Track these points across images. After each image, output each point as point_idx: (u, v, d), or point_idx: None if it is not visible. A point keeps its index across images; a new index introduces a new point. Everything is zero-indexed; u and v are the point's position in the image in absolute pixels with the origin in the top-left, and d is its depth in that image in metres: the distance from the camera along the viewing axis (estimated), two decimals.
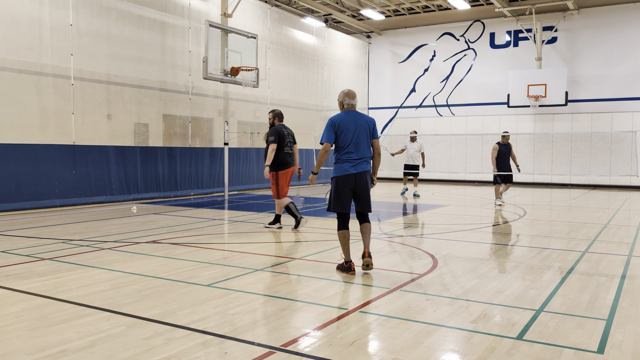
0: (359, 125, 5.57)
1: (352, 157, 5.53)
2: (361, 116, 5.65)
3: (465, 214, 11.32)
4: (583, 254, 6.79)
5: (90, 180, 11.74)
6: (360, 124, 5.58)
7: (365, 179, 5.59)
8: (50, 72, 11.04)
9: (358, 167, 5.54)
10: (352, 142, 5.53)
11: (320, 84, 20.11)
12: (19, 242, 7.35)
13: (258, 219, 10.04)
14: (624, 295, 4.83)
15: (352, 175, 5.52)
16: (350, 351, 3.42)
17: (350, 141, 5.52)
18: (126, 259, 6.26)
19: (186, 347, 3.45)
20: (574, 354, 3.41)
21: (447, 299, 4.66)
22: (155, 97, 13.43)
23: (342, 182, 5.54)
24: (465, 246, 7.40)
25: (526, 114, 20.18)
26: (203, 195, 14.68)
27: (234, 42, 13.98)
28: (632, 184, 18.62)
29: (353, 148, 5.53)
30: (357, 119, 5.59)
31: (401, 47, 22.94)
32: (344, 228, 5.64)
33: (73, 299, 4.55)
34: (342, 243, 5.64)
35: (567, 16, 19.50)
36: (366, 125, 5.63)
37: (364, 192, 5.62)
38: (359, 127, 5.57)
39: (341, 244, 5.65)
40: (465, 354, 3.42)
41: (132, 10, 12.72)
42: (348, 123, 5.54)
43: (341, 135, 5.53)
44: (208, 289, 4.91)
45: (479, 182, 21.04)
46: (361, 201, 5.66)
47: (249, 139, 16.74)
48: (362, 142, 5.56)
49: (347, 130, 5.52)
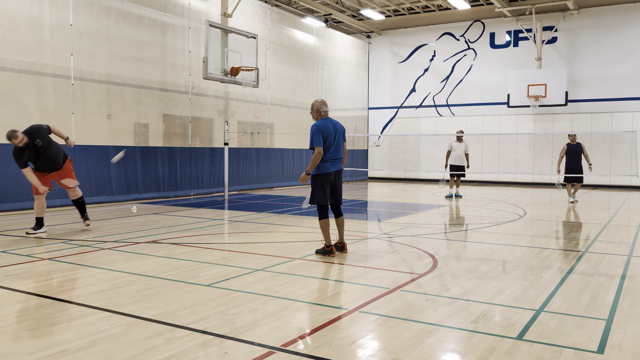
0: (337, 130, 6.52)
1: (332, 157, 6.45)
2: (336, 122, 6.58)
3: (465, 214, 11.33)
4: (583, 254, 6.79)
5: (90, 180, 11.74)
6: (337, 129, 6.52)
7: (341, 175, 6.64)
8: (50, 72, 11.04)
9: (337, 165, 6.52)
10: (334, 144, 6.44)
11: (320, 84, 20.11)
12: (19, 242, 7.36)
13: (258, 219, 10.04)
14: (624, 295, 4.83)
15: (333, 173, 6.48)
16: (350, 351, 3.42)
17: (332, 144, 6.42)
18: (126, 259, 6.26)
19: (186, 347, 3.45)
20: (574, 354, 3.41)
21: (447, 299, 4.66)
22: (155, 97, 13.43)
23: (325, 179, 6.43)
24: (465, 246, 7.40)
25: (526, 114, 20.19)
26: (203, 195, 14.68)
27: (234, 42, 13.98)
28: (632, 184, 18.62)
29: (334, 150, 6.45)
30: (334, 125, 6.51)
31: (401, 47, 22.94)
32: (326, 217, 6.55)
33: (73, 299, 4.55)
34: (324, 230, 6.51)
35: (567, 16, 19.50)
36: (341, 130, 6.60)
37: (340, 187, 6.64)
38: (337, 132, 6.50)
39: (323, 231, 6.52)
40: (465, 354, 3.42)
41: (132, 10, 12.72)
42: (329, 129, 6.42)
43: (327, 139, 6.38)
44: (208, 289, 4.91)
45: (479, 182, 21.04)
46: (336, 195, 6.61)
47: (249, 139, 16.74)
48: (339, 145, 6.55)
49: (330, 134, 6.40)
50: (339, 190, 6.61)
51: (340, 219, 6.69)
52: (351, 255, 6.62)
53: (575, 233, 8.54)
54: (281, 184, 18.04)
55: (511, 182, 20.55)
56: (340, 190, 6.61)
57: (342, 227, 6.68)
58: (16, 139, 7.55)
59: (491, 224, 9.64)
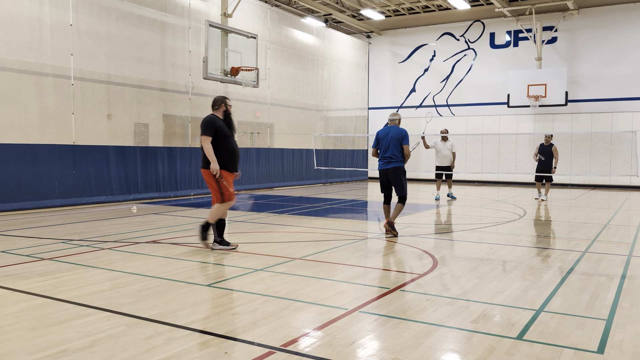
0: (388, 135, 8.18)
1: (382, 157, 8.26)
2: (392, 129, 8.17)
3: (465, 214, 11.32)
4: (583, 254, 6.79)
5: (90, 180, 11.74)
6: (389, 135, 8.16)
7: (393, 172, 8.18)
8: (50, 72, 11.04)
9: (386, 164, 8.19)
10: (383, 147, 8.25)
11: (320, 84, 20.11)
12: (19, 242, 7.35)
13: (258, 219, 10.04)
14: (624, 295, 4.83)
15: (383, 170, 8.24)
16: (350, 351, 3.42)
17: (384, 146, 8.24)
18: (126, 259, 6.26)
19: (186, 347, 3.45)
20: (574, 354, 3.41)
21: (447, 299, 4.66)
22: (155, 97, 13.43)
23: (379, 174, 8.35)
24: (465, 246, 7.40)
25: (526, 114, 20.18)
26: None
27: (234, 42, 13.98)
28: (632, 184, 18.62)
29: (382, 151, 8.25)
30: (389, 132, 8.18)
31: (401, 47, 22.94)
32: (384, 203, 8.47)
33: (73, 299, 4.55)
34: (385, 212, 8.43)
35: (567, 16, 19.49)
36: (394, 135, 8.12)
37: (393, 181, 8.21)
38: (387, 137, 8.18)
39: (384, 213, 8.43)
40: (465, 354, 3.42)
41: (132, 10, 12.72)
42: (382, 134, 8.28)
43: (379, 142, 8.30)
44: (208, 289, 4.91)
45: (479, 182, 21.04)
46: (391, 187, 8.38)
47: (249, 139, 16.74)
48: (389, 148, 8.15)
49: (382, 139, 8.24)
50: (394, 184, 8.16)
51: (398, 205, 8.12)
52: (351, 255, 6.62)
53: (575, 233, 8.54)
54: (281, 184, 18.04)
55: (511, 182, 20.55)
56: (394, 183, 8.15)
57: (394, 211, 8.14)
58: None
59: (491, 224, 9.64)
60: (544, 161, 13.97)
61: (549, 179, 14.15)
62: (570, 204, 13.50)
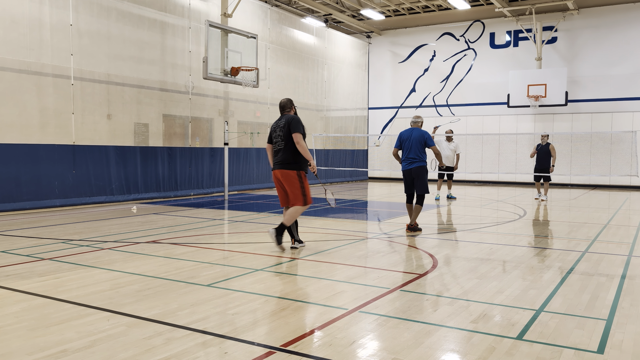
0: (410, 137, 8.45)
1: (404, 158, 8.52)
2: (414, 131, 8.49)
3: (465, 214, 11.32)
4: (583, 254, 6.79)
5: (90, 180, 11.74)
6: (411, 137, 8.45)
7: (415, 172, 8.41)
8: (50, 72, 11.04)
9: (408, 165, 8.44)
10: (404, 148, 8.50)
11: (320, 84, 20.11)
12: (19, 242, 7.35)
13: (258, 219, 10.04)
14: (624, 295, 4.83)
15: (406, 171, 8.49)
16: (350, 351, 3.42)
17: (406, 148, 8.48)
18: (126, 259, 6.26)
19: (186, 347, 3.45)
20: (574, 354, 3.41)
21: (447, 299, 4.66)
22: (155, 97, 13.43)
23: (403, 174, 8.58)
24: (465, 246, 7.40)
25: (526, 114, 20.18)
26: (203, 195, 14.68)
27: (234, 42, 13.98)
28: (632, 184, 18.61)
29: (405, 152, 8.50)
30: (411, 133, 8.47)
31: (401, 47, 22.93)
32: (407, 202, 8.67)
33: (73, 299, 4.55)
34: (408, 210, 8.64)
35: (567, 16, 19.49)
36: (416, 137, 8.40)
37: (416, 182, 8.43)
38: (409, 139, 8.46)
39: (408, 212, 8.66)
40: (465, 354, 3.42)
41: (132, 10, 12.72)
42: (404, 136, 8.54)
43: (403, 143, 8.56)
44: (208, 289, 4.91)
45: (479, 182, 21.04)
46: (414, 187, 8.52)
47: (249, 139, 16.74)
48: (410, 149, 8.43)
49: (404, 140, 8.50)
50: (415, 184, 8.38)
51: (416, 206, 8.43)
52: (351, 255, 6.62)
53: (575, 233, 8.54)
54: None
55: (511, 182, 20.55)
56: (415, 183, 8.37)
57: (414, 213, 8.42)
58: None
59: (491, 224, 9.64)
60: (542, 160, 13.97)
61: (547, 179, 14.15)
62: (570, 204, 13.50)
